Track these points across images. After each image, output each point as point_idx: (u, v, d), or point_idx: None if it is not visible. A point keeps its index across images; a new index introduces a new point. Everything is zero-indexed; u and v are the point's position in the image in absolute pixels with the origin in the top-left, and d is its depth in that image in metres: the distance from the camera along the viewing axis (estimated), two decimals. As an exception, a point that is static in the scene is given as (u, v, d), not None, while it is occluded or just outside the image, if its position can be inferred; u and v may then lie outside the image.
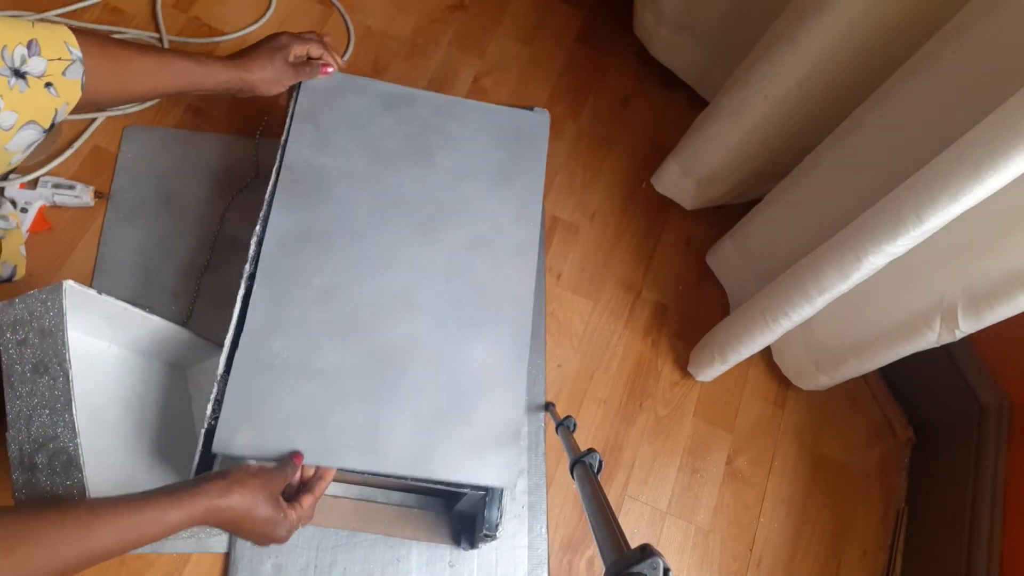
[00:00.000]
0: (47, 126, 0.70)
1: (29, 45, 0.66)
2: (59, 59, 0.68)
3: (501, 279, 0.86)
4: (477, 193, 0.90)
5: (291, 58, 0.87)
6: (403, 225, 0.86)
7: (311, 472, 0.75)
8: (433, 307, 0.83)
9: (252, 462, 0.72)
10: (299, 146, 0.87)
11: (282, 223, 0.83)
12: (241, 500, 0.64)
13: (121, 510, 0.58)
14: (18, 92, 0.66)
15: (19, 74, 0.66)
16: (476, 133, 0.93)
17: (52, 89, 0.69)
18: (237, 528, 0.66)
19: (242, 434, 0.73)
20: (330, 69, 0.90)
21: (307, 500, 0.72)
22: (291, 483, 0.74)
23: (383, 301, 0.82)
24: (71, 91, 0.71)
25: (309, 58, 0.90)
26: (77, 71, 0.70)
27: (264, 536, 0.68)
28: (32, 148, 0.71)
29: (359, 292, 0.82)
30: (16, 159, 0.70)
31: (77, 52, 0.70)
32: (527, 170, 0.92)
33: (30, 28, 0.67)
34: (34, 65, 0.67)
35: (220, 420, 0.73)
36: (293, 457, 0.73)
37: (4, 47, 0.64)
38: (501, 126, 0.95)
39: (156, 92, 0.82)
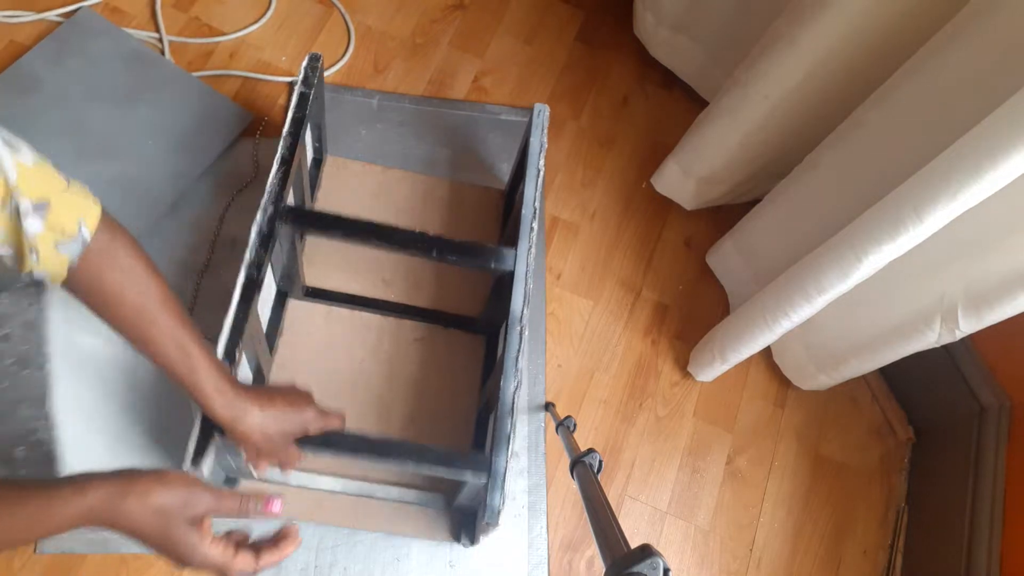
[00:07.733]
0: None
1: None
2: None
3: None
4: None
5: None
6: None
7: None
8: None
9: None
10: None
11: None
12: (139, 513, 0.51)
13: (5, 498, 0.48)
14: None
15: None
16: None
17: None
18: (138, 540, 0.53)
19: None
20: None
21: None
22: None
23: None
24: None
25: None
26: None
27: (168, 556, 0.55)
28: None
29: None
30: None
31: None
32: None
33: None
34: None
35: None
36: (265, 505, 0.58)
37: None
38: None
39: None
